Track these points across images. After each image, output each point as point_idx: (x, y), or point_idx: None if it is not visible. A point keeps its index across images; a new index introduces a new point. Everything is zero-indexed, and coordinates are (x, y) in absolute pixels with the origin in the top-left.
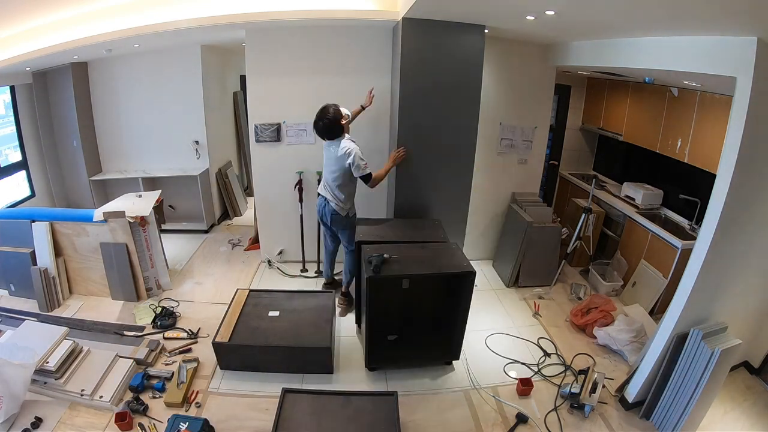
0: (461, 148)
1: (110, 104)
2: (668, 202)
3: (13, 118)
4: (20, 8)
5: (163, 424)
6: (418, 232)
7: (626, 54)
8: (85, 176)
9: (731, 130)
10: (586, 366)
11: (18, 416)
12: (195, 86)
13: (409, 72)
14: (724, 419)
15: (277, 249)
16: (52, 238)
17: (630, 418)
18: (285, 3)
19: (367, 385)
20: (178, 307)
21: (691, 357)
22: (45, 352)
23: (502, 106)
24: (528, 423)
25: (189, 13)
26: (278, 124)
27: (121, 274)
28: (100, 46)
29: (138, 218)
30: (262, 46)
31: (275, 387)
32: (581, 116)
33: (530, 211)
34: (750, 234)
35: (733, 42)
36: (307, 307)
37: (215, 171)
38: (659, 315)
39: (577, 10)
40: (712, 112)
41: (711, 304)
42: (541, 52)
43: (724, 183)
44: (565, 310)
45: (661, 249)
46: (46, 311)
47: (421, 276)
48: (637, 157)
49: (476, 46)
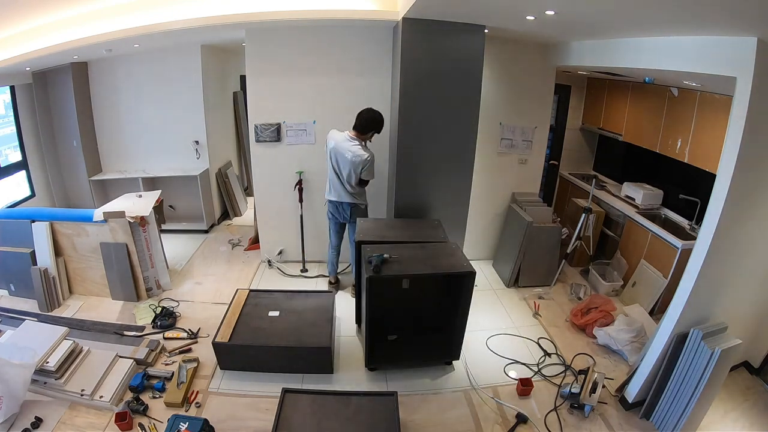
0: (461, 147)
1: (110, 104)
2: (668, 202)
3: (13, 118)
4: (20, 8)
5: (163, 424)
6: (418, 232)
7: (626, 54)
8: (85, 176)
9: (731, 130)
10: (586, 366)
11: (18, 416)
12: (195, 86)
13: (409, 72)
14: (724, 419)
15: (277, 249)
16: (52, 238)
17: (630, 418)
18: (285, 3)
19: (367, 385)
20: (178, 307)
21: (691, 357)
22: (45, 352)
23: (502, 106)
24: (528, 423)
25: (189, 13)
26: (278, 124)
27: (121, 274)
28: (100, 46)
29: (138, 218)
30: (262, 46)
31: (275, 387)
32: (581, 116)
33: (530, 211)
34: (750, 234)
35: (733, 42)
36: (307, 307)
37: (215, 171)
38: (659, 315)
39: (577, 10)
40: (712, 112)
41: (711, 304)
42: (541, 52)
43: (724, 183)
44: (565, 310)
45: (661, 249)
46: (46, 311)
47: (421, 276)
48: (637, 157)
49: (476, 46)
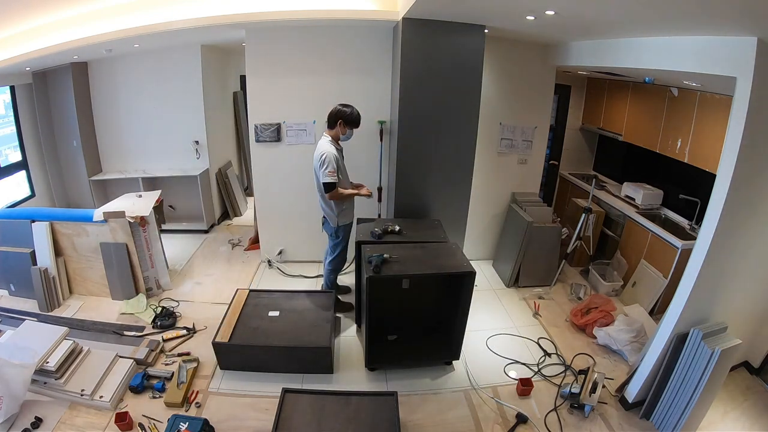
0: (461, 147)
1: (110, 104)
2: (668, 202)
3: (13, 118)
4: (20, 8)
5: (163, 424)
6: (418, 232)
7: (626, 54)
8: (85, 176)
9: (731, 130)
10: (586, 366)
11: (18, 416)
12: (195, 86)
13: (409, 72)
14: (724, 419)
15: (277, 249)
16: (52, 238)
17: (630, 418)
18: (285, 3)
19: (367, 385)
20: (178, 307)
21: (691, 357)
22: (45, 352)
23: (502, 106)
24: (528, 423)
25: (189, 13)
26: (278, 124)
27: (121, 274)
28: (100, 46)
29: (138, 218)
30: (262, 46)
31: (275, 387)
32: (581, 116)
33: (530, 211)
34: (750, 234)
35: (733, 42)
36: (307, 307)
37: (215, 171)
38: (659, 315)
39: (577, 10)
40: (712, 112)
41: (711, 304)
42: (541, 52)
43: (724, 183)
44: (565, 310)
45: (661, 249)
46: (46, 311)
47: (421, 276)
48: (637, 157)
49: (476, 46)
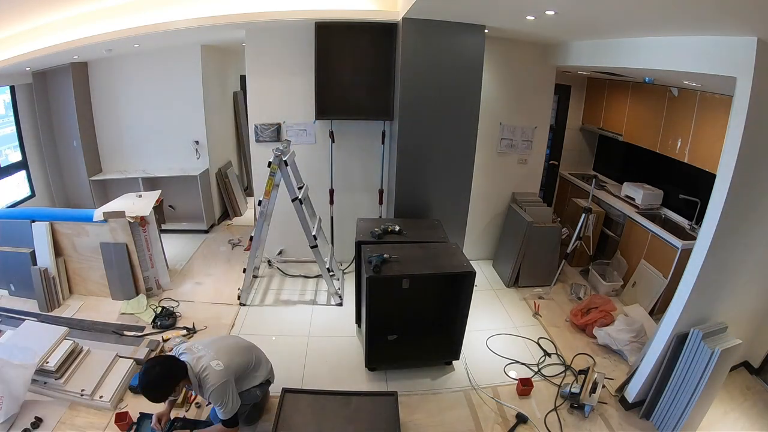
0: (461, 148)
1: (110, 104)
2: (668, 202)
3: (13, 118)
4: (20, 8)
5: None
6: (418, 232)
7: (626, 54)
8: (85, 176)
9: (731, 130)
10: (586, 366)
11: (18, 416)
12: (195, 86)
13: (409, 72)
14: (724, 419)
15: (277, 249)
16: (52, 238)
17: (630, 418)
18: (285, 3)
19: (367, 385)
20: (178, 307)
21: (691, 357)
22: (45, 352)
23: (502, 106)
24: (528, 423)
25: (189, 13)
26: (278, 124)
27: (121, 274)
28: (100, 46)
29: (138, 218)
30: (262, 46)
31: (275, 387)
32: (581, 116)
33: (530, 211)
34: (750, 234)
35: (733, 42)
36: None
37: (215, 171)
38: (659, 315)
39: (577, 10)
40: (712, 112)
41: (711, 304)
42: (541, 52)
43: (724, 183)
44: (565, 310)
45: (661, 249)
46: (46, 311)
47: (421, 276)
48: (637, 157)
49: (476, 46)
